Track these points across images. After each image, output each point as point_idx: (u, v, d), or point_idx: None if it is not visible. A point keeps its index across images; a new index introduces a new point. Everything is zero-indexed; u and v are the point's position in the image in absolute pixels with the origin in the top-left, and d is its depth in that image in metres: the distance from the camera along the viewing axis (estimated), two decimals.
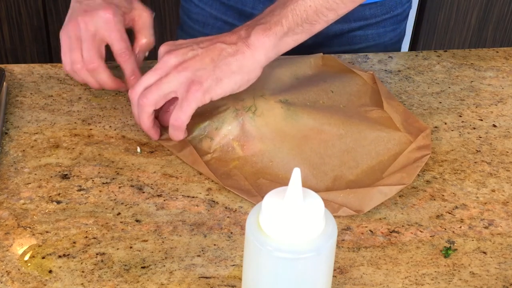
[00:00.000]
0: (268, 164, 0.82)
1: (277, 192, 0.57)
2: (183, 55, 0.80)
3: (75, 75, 0.89)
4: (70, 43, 0.87)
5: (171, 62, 0.80)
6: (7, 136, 0.85)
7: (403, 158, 0.83)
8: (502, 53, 1.07)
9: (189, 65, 0.79)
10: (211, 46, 0.80)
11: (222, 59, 0.79)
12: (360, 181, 0.80)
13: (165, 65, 0.80)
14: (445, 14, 2.03)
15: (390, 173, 0.81)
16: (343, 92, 0.91)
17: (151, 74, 0.81)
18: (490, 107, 0.95)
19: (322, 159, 0.82)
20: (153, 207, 0.77)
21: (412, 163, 0.82)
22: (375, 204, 0.76)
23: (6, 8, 1.85)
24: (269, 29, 0.80)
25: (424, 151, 0.84)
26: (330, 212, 0.68)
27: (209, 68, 0.79)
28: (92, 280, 0.68)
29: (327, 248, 0.57)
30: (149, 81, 0.81)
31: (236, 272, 0.70)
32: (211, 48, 0.80)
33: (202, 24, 1.13)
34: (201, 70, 0.79)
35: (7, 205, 0.76)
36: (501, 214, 0.79)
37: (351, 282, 0.70)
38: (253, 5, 1.08)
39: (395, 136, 0.85)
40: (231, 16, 1.10)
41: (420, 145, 0.85)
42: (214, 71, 0.79)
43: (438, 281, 0.70)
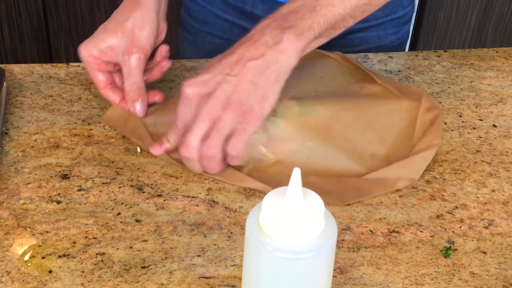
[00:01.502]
0: (306, 161, 0.82)
1: (277, 192, 0.57)
2: (223, 92, 0.76)
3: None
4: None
5: (215, 105, 0.76)
6: (7, 136, 0.85)
7: (420, 123, 0.86)
8: (502, 53, 1.07)
9: (235, 99, 0.75)
10: (244, 69, 0.76)
11: (260, 76, 0.76)
12: (394, 154, 0.83)
13: (211, 110, 0.76)
14: (445, 14, 2.03)
15: (417, 139, 0.85)
16: (330, 76, 0.92)
17: (200, 123, 0.76)
18: (490, 107, 0.95)
19: (352, 143, 0.83)
20: (153, 207, 0.77)
21: (430, 125, 0.86)
22: (422, 170, 0.82)
23: (6, 8, 1.85)
24: (301, 33, 0.77)
25: (434, 112, 0.88)
26: (389, 188, 0.79)
27: (252, 91, 0.76)
28: (92, 280, 0.68)
29: (327, 248, 0.57)
30: (202, 131, 0.77)
31: (236, 272, 0.70)
32: (244, 71, 0.76)
33: (203, 22, 1.13)
34: (247, 98, 0.76)
35: (7, 205, 0.76)
36: (501, 214, 0.79)
37: (351, 282, 0.70)
38: (253, 4, 1.08)
39: (402, 104, 0.88)
40: (232, 15, 1.10)
41: (427, 107, 0.88)
42: (258, 92, 0.76)
43: (438, 281, 0.70)
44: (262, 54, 0.76)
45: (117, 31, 0.86)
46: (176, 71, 0.98)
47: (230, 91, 0.76)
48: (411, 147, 0.84)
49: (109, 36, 0.86)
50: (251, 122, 0.76)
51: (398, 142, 0.85)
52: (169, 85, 0.95)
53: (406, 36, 1.17)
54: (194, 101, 0.77)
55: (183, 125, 0.79)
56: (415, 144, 0.84)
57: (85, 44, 0.88)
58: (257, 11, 1.08)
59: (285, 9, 0.80)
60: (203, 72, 0.78)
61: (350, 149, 0.83)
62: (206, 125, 0.76)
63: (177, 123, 0.79)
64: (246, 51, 0.77)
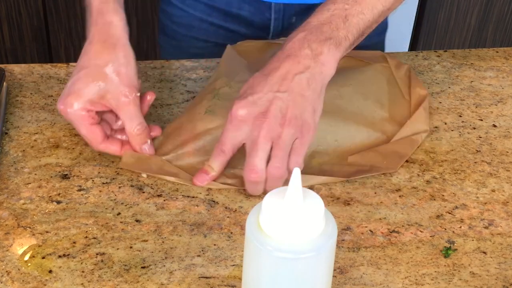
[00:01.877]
0: (336, 144, 0.84)
1: (277, 192, 0.57)
2: (278, 110, 0.75)
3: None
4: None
5: (273, 123, 0.74)
6: (7, 136, 0.85)
7: (399, 80, 0.93)
8: (502, 53, 1.07)
9: (291, 115, 0.75)
10: (292, 84, 0.75)
11: (308, 89, 0.76)
12: (396, 113, 0.89)
13: (271, 129, 0.74)
14: (445, 14, 2.03)
15: (407, 94, 0.92)
16: None
17: (263, 143, 0.75)
18: (490, 107, 0.95)
19: (361, 114, 0.87)
20: (153, 207, 0.77)
21: (409, 80, 0.94)
22: (428, 120, 0.90)
23: (6, 8, 1.85)
24: (339, 44, 0.78)
25: (404, 66, 0.95)
26: (415, 144, 0.86)
27: (304, 105, 0.76)
28: (92, 280, 0.68)
29: (327, 248, 0.57)
30: (266, 152, 0.75)
31: (236, 272, 0.70)
32: (293, 86, 0.75)
33: (188, 27, 1.12)
34: (301, 112, 0.75)
35: (7, 205, 0.76)
36: (501, 214, 0.79)
37: (351, 282, 0.70)
38: (238, 5, 1.07)
39: (376, 68, 0.94)
40: (217, 18, 1.10)
41: (395, 64, 0.95)
42: (309, 105, 0.76)
43: (438, 281, 0.70)
44: (307, 67, 0.76)
45: (101, 76, 0.79)
46: (176, 71, 0.98)
47: (284, 107, 0.75)
48: (407, 103, 0.91)
49: (94, 83, 0.79)
50: (307, 135, 0.76)
51: (393, 101, 0.90)
52: (169, 85, 0.95)
53: (386, 23, 1.17)
54: (248, 122, 0.75)
55: (231, 149, 0.77)
56: (409, 100, 0.91)
57: (69, 99, 0.79)
58: (243, 12, 1.08)
59: (315, 20, 0.79)
60: (248, 92, 0.76)
61: (362, 120, 0.87)
62: (268, 145, 0.75)
63: (223, 148, 0.77)
64: (291, 65, 0.76)
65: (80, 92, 0.78)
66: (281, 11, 1.07)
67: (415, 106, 0.90)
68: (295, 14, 1.07)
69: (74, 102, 0.78)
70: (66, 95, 0.79)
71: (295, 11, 1.07)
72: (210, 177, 0.79)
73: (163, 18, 1.16)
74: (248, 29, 1.09)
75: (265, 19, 1.08)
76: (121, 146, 0.82)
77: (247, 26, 1.09)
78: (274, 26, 1.08)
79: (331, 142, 0.84)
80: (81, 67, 0.80)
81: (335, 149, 0.84)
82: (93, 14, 0.83)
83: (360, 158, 0.83)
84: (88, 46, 0.81)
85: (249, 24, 1.09)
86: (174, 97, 0.93)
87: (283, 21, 1.08)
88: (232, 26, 1.10)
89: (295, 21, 1.08)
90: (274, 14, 1.07)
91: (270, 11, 1.07)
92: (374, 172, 0.82)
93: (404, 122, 0.88)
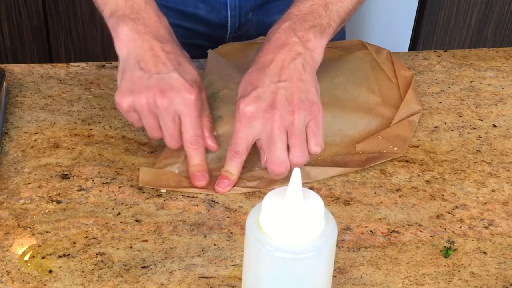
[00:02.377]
0: (342, 133, 0.86)
1: (277, 192, 0.57)
2: (284, 99, 0.75)
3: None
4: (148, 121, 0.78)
5: (283, 113, 0.75)
6: (7, 136, 0.85)
7: (382, 65, 0.95)
8: (502, 53, 1.07)
9: (297, 100, 0.76)
10: (289, 71, 0.77)
11: (305, 73, 0.77)
12: (387, 97, 0.91)
13: (283, 119, 0.75)
14: (445, 14, 2.03)
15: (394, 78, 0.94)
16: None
17: (280, 134, 0.75)
18: (490, 107, 0.95)
19: (356, 101, 0.89)
20: (153, 207, 0.77)
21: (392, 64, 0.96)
22: (419, 100, 0.93)
23: (6, 8, 1.85)
24: (324, 31, 0.80)
25: (383, 51, 0.97)
26: (413, 125, 0.88)
27: (306, 87, 0.77)
28: (92, 280, 0.68)
29: (327, 248, 0.57)
30: (285, 142, 0.75)
31: (236, 272, 0.70)
32: (291, 73, 0.77)
33: None
34: (305, 95, 0.76)
35: (7, 205, 0.76)
36: (501, 214, 0.79)
37: (351, 282, 0.70)
38: (194, 4, 1.07)
39: (358, 55, 0.95)
40: (174, 17, 1.09)
41: (374, 50, 0.97)
42: (311, 86, 0.77)
43: (438, 281, 0.70)
44: (298, 53, 0.78)
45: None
46: None
47: (289, 95, 0.76)
48: (395, 86, 0.93)
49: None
50: (318, 114, 0.77)
51: (382, 85, 0.92)
52: None
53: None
54: (258, 117, 0.75)
55: (246, 149, 0.77)
56: (397, 82, 0.93)
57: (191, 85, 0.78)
58: (199, 11, 1.08)
59: (297, 10, 0.81)
60: (249, 89, 0.76)
61: (359, 107, 0.89)
62: (284, 135, 0.76)
63: (237, 149, 0.77)
64: (284, 54, 0.77)
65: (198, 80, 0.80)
66: (237, 8, 1.07)
67: (403, 87, 0.93)
68: (251, 10, 1.08)
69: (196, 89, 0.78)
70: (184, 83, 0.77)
71: (250, 7, 1.07)
72: (231, 182, 0.79)
73: None
74: (206, 27, 1.10)
75: (221, 17, 1.08)
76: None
77: (204, 25, 1.09)
78: (231, 23, 1.09)
79: (337, 132, 0.86)
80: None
81: (342, 138, 0.86)
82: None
83: (367, 145, 0.85)
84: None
85: (206, 23, 1.09)
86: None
87: (239, 18, 1.08)
88: (189, 25, 1.10)
89: (252, 17, 1.08)
90: (230, 11, 1.07)
91: (226, 8, 1.07)
92: (384, 159, 0.84)
93: (396, 104, 0.91)
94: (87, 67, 0.98)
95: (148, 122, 0.78)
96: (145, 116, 0.77)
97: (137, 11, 0.80)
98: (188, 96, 0.77)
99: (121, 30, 0.79)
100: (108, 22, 0.81)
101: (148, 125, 0.78)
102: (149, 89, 0.76)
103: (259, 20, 1.10)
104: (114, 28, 0.80)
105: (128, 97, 0.77)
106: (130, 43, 0.79)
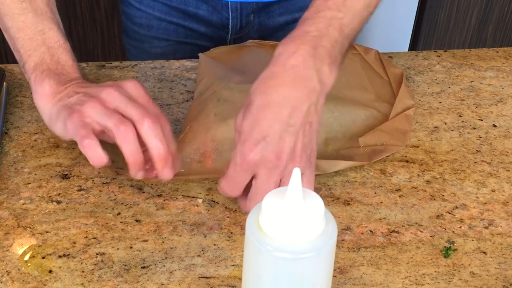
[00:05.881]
0: (343, 129, 0.86)
1: (277, 192, 0.57)
2: (291, 148, 0.71)
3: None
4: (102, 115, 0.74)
5: (287, 164, 0.71)
6: (7, 136, 0.85)
7: (372, 63, 0.97)
8: (502, 53, 1.07)
9: (301, 148, 0.71)
10: (301, 115, 0.71)
11: (315, 114, 0.73)
12: (380, 93, 0.92)
13: (285, 170, 0.71)
14: (445, 14, 2.03)
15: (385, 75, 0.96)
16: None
17: (274, 182, 0.71)
18: (490, 107, 0.95)
19: (354, 97, 0.90)
20: (153, 207, 0.77)
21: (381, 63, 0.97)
22: (412, 95, 0.94)
23: None
24: (337, 60, 0.74)
25: (371, 51, 0.98)
26: (410, 119, 0.89)
27: (311, 133, 0.73)
28: (92, 280, 0.68)
29: (327, 248, 0.57)
30: (276, 185, 0.71)
31: (236, 272, 0.70)
32: (302, 117, 0.71)
33: (147, 27, 1.12)
34: (309, 141, 0.72)
35: (7, 205, 0.76)
36: (501, 214, 0.79)
37: (351, 282, 0.70)
38: (196, 5, 1.07)
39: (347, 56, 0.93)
40: (176, 17, 1.10)
41: (362, 50, 0.97)
42: (315, 131, 0.73)
43: (438, 281, 0.70)
44: (313, 90, 0.72)
45: None
46: (176, 71, 0.98)
47: (295, 141, 0.71)
48: (387, 83, 0.95)
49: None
50: (314, 161, 0.74)
51: (374, 83, 0.94)
52: (169, 85, 0.95)
53: None
54: (261, 165, 0.71)
55: (240, 191, 0.73)
56: (388, 80, 0.95)
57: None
58: (201, 12, 1.08)
59: (314, 29, 0.74)
60: (256, 131, 0.70)
61: (357, 102, 0.90)
62: (278, 182, 0.72)
63: (232, 194, 0.74)
64: (300, 93, 0.71)
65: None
66: (238, 10, 1.07)
67: (395, 84, 0.94)
68: (253, 12, 1.08)
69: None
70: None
71: (252, 9, 1.07)
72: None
73: (124, 20, 1.17)
74: (207, 27, 1.10)
75: (223, 18, 1.08)
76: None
77: (205, 25, 1.10)
78: (233, 25, 1.09)
79: (338, 128, 0.86)
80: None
81: (343, 134, 0.86)
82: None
83: (369, 139, 0.86)
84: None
85: (208, 23, 1.09)
86: (174, 97, 0.93)
87: (241, 20, 1.09)
88: (191, 25, 1.10)
89: (253, 19, 1.08)
90: (232, 13, 1.07)
91: (228, 10, 1.07)
92: (389, 152, 0.85)
93: (390, 100, 0.92)
94: (87, 67, 0.98)
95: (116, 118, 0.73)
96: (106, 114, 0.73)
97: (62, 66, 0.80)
98: (130, 82, 0.75)
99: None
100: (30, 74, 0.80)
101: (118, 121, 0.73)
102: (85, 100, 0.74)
103: (261, 22, 1.10)
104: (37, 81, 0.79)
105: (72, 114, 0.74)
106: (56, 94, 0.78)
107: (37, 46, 0.80)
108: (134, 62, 0.99)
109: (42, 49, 0.80)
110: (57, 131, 0.77)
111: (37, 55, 0.80)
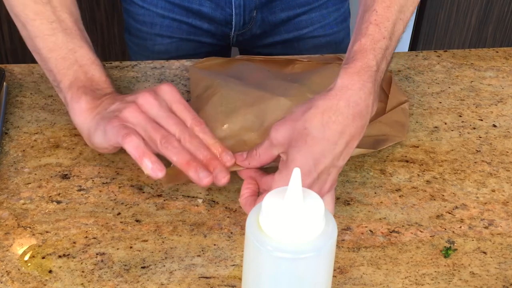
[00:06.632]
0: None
1: (277, 192, 0.57)
2: (330, 180, 0.72)
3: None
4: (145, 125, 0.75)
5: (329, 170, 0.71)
6: (7, 136, 0.85)
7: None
8: (502, 53, 1.07)
9: (332, 183, 0.73)
10: (349, 152, 0.72)
11: (354, 147, 0.73)
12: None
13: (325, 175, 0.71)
14: (445, 14, 2.03)
15: None
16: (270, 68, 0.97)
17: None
18: (490, 107, 0.95)
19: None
20: (153, 207, 0.77)
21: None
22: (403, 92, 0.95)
23: (6, 8, 1.85)
24: (376, 80, 0.74)
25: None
26: (407, 114, 0.90)
27: (341, 164, 0.73)
28: (92, 280, 0.68)
29: (327, 248, 0.57)
30: None
31: (236, 272, 0.70)
32: (348, 153, 0.72)
33: (150, 25, 1.12)
34: (337, 173, 0.73)
35: (7, 205, 0.76)
36: (501, 214, 0.79)
37: (351, 282, 0.70)
38: (199, 1, 1.08)
39: (334, 68, 0.93)
40: (179, 13, 1.10)
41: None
42: (343, 160, 0.73)
43: (438, 281, 0.70)
44: (362, 126, 0.73)
45: None
46: (176, 71, 0.98)
47: (334, 173, 0.73)
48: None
49: None
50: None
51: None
52: None
53: (348, 12, 1.19)
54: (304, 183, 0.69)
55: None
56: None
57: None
58: (204, 9, 1.08)
59: (372, 60, 0.74)
60: (309, 165, 0.70)
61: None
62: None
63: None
64: (354, 130, 0.72)
65: None
66: (242, 6, 1.07)
67: (385, 85, 0.95)
68: (255, 8, 1.08)
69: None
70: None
71: (255, 5, 1.08)
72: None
73: (126, 18, 1.17)
74: (211, 24, 1.10)
75: (226, 15, 1.08)
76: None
77: (209, 22, 1.10)
78: (236, 21, 1.09)
79: None
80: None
81: None
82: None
83: (370, 129, 0.85)
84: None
85: (211, 20, 1.09)
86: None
87: (244, 16, 1.09)
88: (194, 22, 1.10)
89: (256, 15, 1.09)
90: (235, 9, 1.08)
91: (231, 6, 1.07)
92: (391, 141, 0.86)
93: (382, 99, 0.92)
94: None
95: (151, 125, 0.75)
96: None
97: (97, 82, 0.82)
98: (165, 86, 0.77)
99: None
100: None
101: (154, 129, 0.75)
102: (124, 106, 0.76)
103: (263, 18, 1.10)
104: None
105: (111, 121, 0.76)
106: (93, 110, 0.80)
107: (70, 64, 0.81)
108: (134, 62, 0.99)
109: (75, 67, 0.81)
110: (97, 140, 0.78)
111: (71, 73, 0.81)
